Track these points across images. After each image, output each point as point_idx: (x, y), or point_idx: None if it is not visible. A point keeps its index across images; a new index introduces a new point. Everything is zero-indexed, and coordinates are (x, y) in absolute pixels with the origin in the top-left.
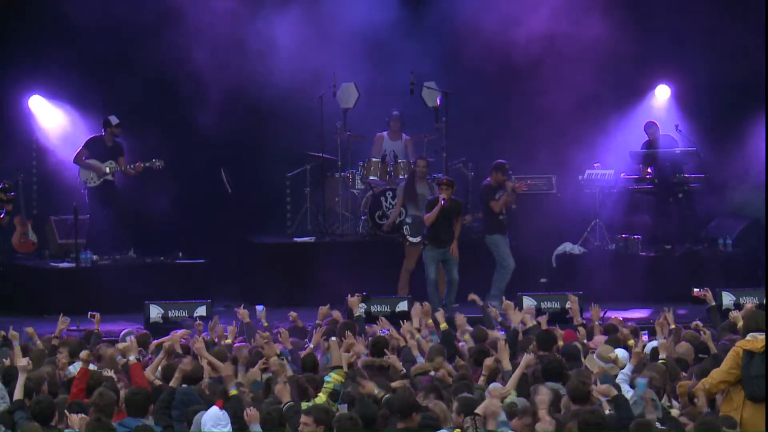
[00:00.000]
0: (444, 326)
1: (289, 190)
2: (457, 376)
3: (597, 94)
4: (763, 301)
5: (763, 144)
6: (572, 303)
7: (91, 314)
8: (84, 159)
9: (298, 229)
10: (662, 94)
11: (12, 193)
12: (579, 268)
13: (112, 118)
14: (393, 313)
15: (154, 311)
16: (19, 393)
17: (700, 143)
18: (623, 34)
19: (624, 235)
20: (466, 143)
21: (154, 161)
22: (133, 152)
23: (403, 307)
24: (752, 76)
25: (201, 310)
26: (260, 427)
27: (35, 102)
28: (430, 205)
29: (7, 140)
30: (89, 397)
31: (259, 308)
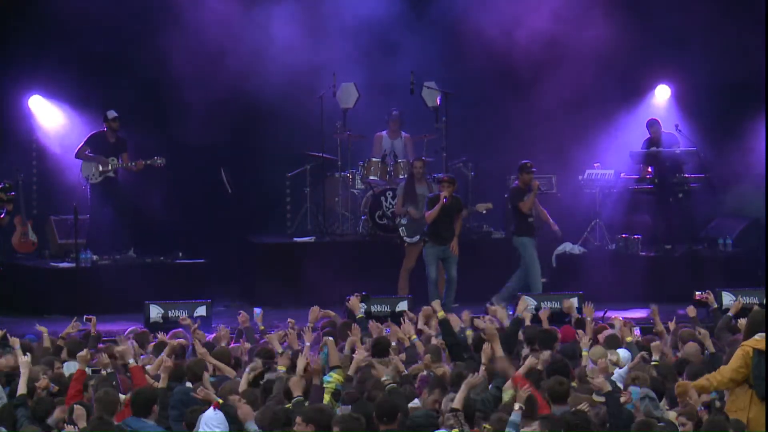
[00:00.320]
0: (441, 314)
1: (289, 190)
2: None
3: (597, 94)
4: (763, 301)
5: (763, 144)
6: (567, 304)
7: (87, 318)
8: (86, 153)
9: (298, 229)
10: (662, 94)
11: (12, 193)
12: (579, 268)
13: (109, 113)
14: (393, 313)
15: (154, 311)
16: (22, 389)
17: (700, 143)
18: (623, 34)
19: (624, 235)
20: (466, 143)
21: (155, 158)
22: (133, 151)
23: (403, 306)
24: (752, 76)
25: (201, 310)
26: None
27: (35, 102)
28: (431, 202)
29: (7, 140)
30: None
31: (257, 311)
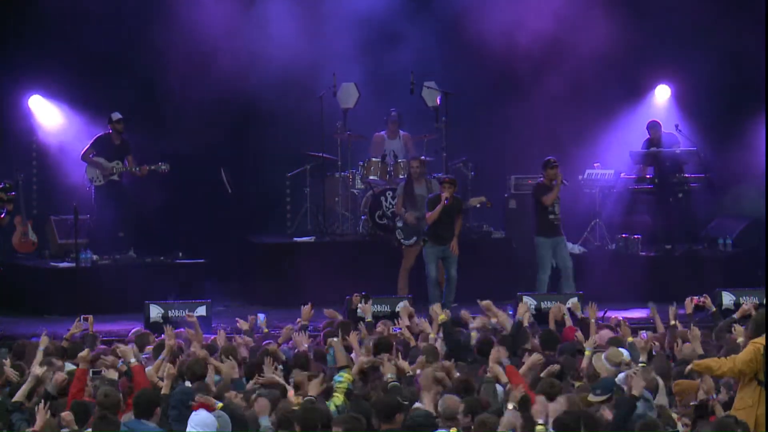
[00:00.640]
0: (442, 318)
1: (289, 190)
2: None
3: (597, 94)
4: (763, 301)
5: (763, 144)
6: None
7: (84, 317)
8: (90, 156)
9: (298, 229)
10: (662, 94)
11: (13, 193)
12: (579, 268)
13: (113, 115)
14: (393, 313)
15: (154, 311)
16: (21, 395)
17: (700, 143)
18: (623, 34)
19: (624, 235)
20: (466, 143)
21: (160, 164)
22: (134, 151)
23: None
24: (752, 76)
25: (201, 310)
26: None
27: (35, 102)
28: (432, 203)
29: (7, 140)
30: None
31: (261, 316)
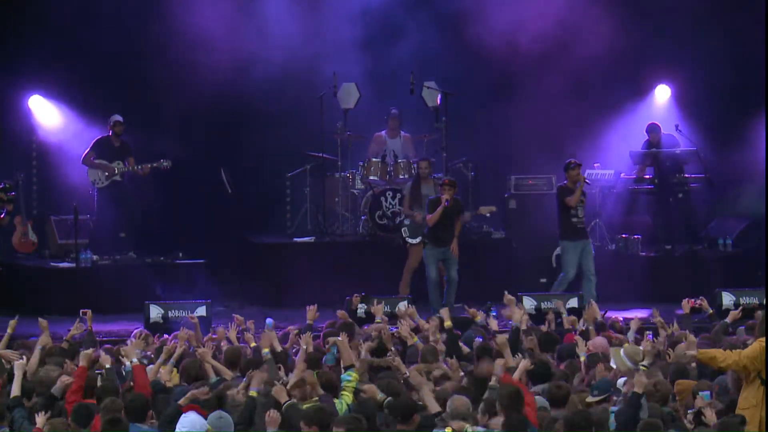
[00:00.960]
0: (448, 324)
1: (289, 190)
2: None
3: (597, 94)
4: (763, 302)
5: (763, 144)
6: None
7: (83, 312)
8: (92, 160)
9: (298, 229)
10: (662, 94)
11: (13, 193)
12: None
13: (112, 117)
14: (393, 313)
15: (154, 311)
16: (16, 390)
17: (700, 143)
18: (623, 34)
19: (624, 235)
20: (466, 143)
21: (161, 161)
22: (135, 151)
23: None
24: (752, 76)
25: (201, 310)
26: None
27: (35, 102)
28: (432, 205)
29: (7, 140)
30: (86, 396)
31: (269, 321)
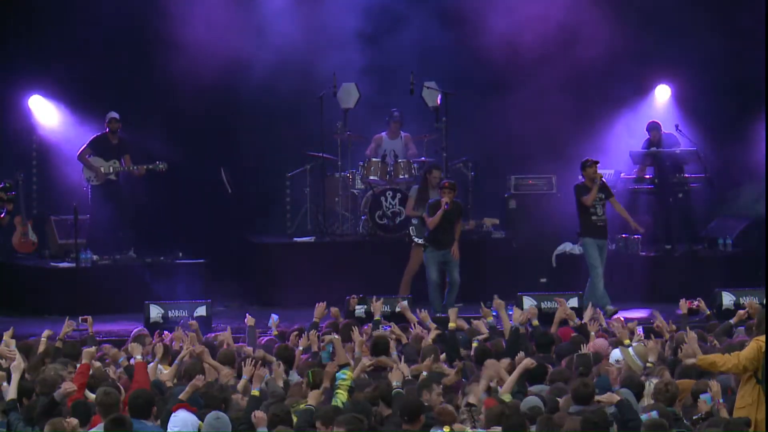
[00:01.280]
0: (453, 326)
1: (289, 190)
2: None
3: (597, 94)
4: (763, 301)
5: (763, 144)
6: (562, 305)
7: (83, 318)
8: (87, 157)
9: (298, 229)
10: (662, 94)
11: (13, 193)
12: (579, 268)
13: (108, 114)
14: (393, 313)
15: (154, 311)
16: (13, 393)
17: (700, 143)
18: (623, 35)
19: (624, 235)
20: (466, 143)
21: (157, 164)
22: (134, 151)
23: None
24: (752, 76)
25: (201, 310)
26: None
27: (35, 102)
28: (432, 208)
29: (7, 140)
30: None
31: (275, 317)
